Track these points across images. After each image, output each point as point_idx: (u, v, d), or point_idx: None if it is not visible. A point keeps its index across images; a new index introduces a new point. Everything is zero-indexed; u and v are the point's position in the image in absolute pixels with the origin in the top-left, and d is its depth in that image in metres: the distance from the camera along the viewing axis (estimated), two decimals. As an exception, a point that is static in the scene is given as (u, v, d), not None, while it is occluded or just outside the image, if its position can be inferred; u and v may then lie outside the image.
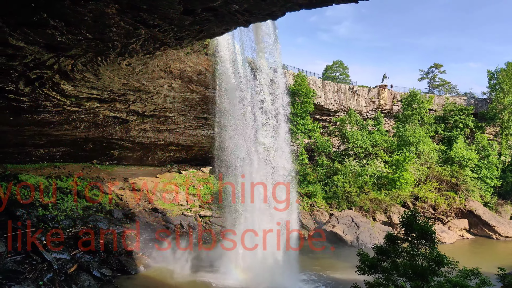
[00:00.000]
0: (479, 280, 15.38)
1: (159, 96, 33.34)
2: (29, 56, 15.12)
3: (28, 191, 31.28)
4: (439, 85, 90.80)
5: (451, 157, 55.96)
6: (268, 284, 26.49)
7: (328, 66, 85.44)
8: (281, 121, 34.45)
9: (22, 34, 12.95)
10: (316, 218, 46.49)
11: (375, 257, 17.41)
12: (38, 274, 22.77)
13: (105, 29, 13.47)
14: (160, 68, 29.72)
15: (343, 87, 59.07)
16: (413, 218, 16.98)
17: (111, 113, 32.35)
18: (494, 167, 56.77)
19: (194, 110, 38.85)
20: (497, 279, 15.50)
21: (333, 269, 31.84)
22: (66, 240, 28.21)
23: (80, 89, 24.80)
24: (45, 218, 29.36)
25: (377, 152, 55.44)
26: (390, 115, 64.09)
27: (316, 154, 54.89)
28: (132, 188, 39.99)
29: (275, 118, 33.90)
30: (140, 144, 40.74)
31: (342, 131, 56.42)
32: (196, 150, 47.52)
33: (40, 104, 24.48)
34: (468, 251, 42.09)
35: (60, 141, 34.04)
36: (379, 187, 50.89)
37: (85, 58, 18.17)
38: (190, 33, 15.65)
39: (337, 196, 49.46)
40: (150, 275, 27.75)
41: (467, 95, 71.04)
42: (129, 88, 29.24)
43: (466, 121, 60.51)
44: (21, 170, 34.00)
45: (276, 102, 34.18)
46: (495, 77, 61.60)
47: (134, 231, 32.79)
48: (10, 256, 23.53)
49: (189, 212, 40.45)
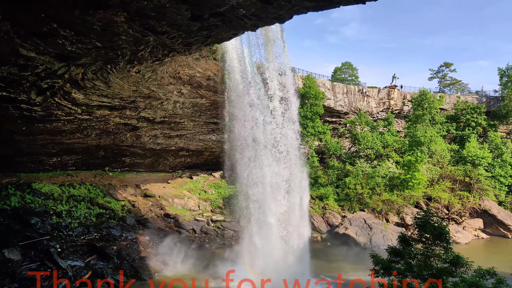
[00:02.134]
0: (495, 280, 15.06)
1: (168, 102, 33.61)
2: (40, 66, 15.39)
3: (42, 199, 31.71)
4: (449, 84, 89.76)
5: (463, 156, 55.15)
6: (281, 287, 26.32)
7: (337, 68, 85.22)
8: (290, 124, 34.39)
9: (33, 44, 13.20)
10: (328, 220, 46.15)
11: (389, 259, 17.18)
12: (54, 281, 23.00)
13: (114, 37, 13.65)
14: (169, 75, 29.99)
15: (352, 89, 58.76)
16: (426, 219, 16.73)
17: (122, 120, 32.70)
18: (508, 166, 55.71)
19: (203, 115, 39.05)
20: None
21: (346, 271, 31.54)
22: (80, 247, 28.50)
23: (91, 97, 25.15)
24: (59, 226, 29.69)
25: (388, 153, 54.93)
26: (401, 116, 63.50)
27: (327, 156, 54.60)
28: (144, 195, 40.28)
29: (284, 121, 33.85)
30: (151, 151, 41.04)
31: (353, 133, 56.03)
32: (207, 155, 47.68)
33: (52, 113, 24.89)
34: (483, 251, 41.34)
35: (72, 149, 34.50)
36: (391, 188, 50.35)
37: (95, 66, 18.44)
38: (198, 38, 15.77)
39: (349, 198, 49.06)
40: (163, 280, 27.82)
41: (478, 93, 70.04)
42: (139, 95, 29.54)
43: (478, 119, 59.60)
44: (35, 178, 34.50)
45: (285, 105, 34.14)
46: (506, 74, 60.72)
47: (147, 237, 32.96)
48: (26, 264, 23.84)
49: (201, 217, 40.53)
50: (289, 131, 34.40)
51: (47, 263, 24.59)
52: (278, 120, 33.45)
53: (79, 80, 20.60)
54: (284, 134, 33.89)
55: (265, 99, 33.04)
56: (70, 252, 27.17)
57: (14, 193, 30.99)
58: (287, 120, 34.16)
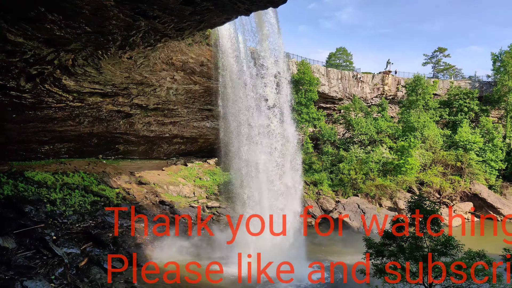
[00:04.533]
0: (484, 261, 15.40)
1: (162, 89, 33.31)
2: (29, 51, 15.11)
3: (35, 187, 31.54)
4: (443, 69, 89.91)
5: (456, 141, 55.70)
6: (275, 270, 26.66)
7: (331, 53, 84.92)
8: (285, 110, 34.30)
9: (20, 29, 12.93)
10: (322, 205, 46.58)
11: (381, 242, 17.46)
12: (50, 268, 23.03)
13: (104, 21, 13.40)
14: (162, 61, 29.64)
15: (347, 74, 58.62)
16: (419, 203, 16.97)
17: (115, 108, 32.40)
18: (499, 150, 56.47)
19: (197, 102, 38.81)
20: (502, 260, 15.53)
21: (340, 254, 32.02)
22: (75, 234, 28.52)
23: (82, 84, 24.82)
24: (53, 213, 29.61)
25: (382, 139, 55.27)
26: (395, 101, 63.65)
27: (321, 143, 54.79)
28: (138, 182, 40.24)
29: (279, 107, 33.73)
30: (145, 138, 40.84)
31: (347, 119, 56.18)
32: (201, 142, 47.60)
33: (42, 100, 24.55)
34: (473, 233, 42.15)
35: (65, 137, 34.19)
36: (385, 173, 50.85)
37: (85, 52, 18.15)
38: (190, 23, 15.54)
39: (343, 184, 49.50)
40: (159, 267, 28.03)
41: (471, 78, 70.30)
42: (131, 81, 29.22)
43: (471, 104, 59.95)
44: (27, 167, 34.25)
45: (279, 91, 33.97)
46: (499, 59, 60.87)
47: (142, 224, 33.06)
48: (21, 252, 23.83)
49: (196, 203, 40.67)
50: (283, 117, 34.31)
51: (42, 251, 24.58)
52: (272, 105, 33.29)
53: (69, 66, 20.27)
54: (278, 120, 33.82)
55: (259, 85, 32.83)
56: (66, 239, 27.17)
57: (7, 181, 30.76)
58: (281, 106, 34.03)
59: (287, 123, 34.68)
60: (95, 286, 22.49)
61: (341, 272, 28.19)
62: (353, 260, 28.14)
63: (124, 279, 24.86)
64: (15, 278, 19.99)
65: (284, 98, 34.34)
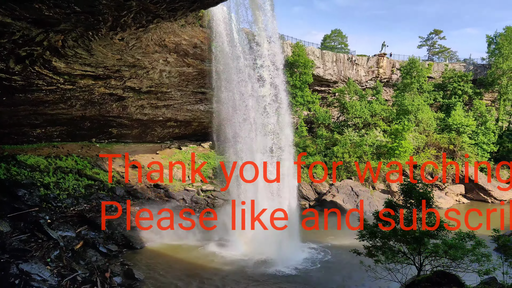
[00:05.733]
0: (474, 242, 15.70)
1: (154, 71, 32.88)
2: (17, 32, 14.77)
3: (28, 171, 31.35)
4: (438, 52, 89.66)
5: (449, 124, 56.03)
6: (271, 253, 27.03)
7: (326, 35, 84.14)
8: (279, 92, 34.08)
9: (8, 9, 12.59)
10: (316, 188, 46.95)
11: (374, 224, 17.69)
12: (45, 251, 23.09)
13: (94, 1, 13.09)
14: (155, 42, 29.15)
15: (342, 57, 58.26)
16: (412, 185, 17.13)
17: (107, 90, 31.99)
18: (491, 133, 56.99)
19: (191, 84, 38.43)
20: (491, 240, 15.84)
21: (333, 236, 32.46)
22: (70, 218, 28.53)
23: (73, 66, 24.38)
24: (47, 197, 29.55)
25: (376, 122, 55.40)
26: (389, 84, 63.55)
27: (315, 126, 54.81)
28: (133, 165, 40.15)
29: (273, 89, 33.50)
30: (138, 121, 40.53)
31: (341, 102, 56.11)
32: (195, 126, 47.38)
33: (32, 83, 24.13)
34: (464, 215, 42.79)
35: (57, 120, 33.82)
36: (378, 156, 51.16)
37: (75, 33, 17.76)
38: (183, 3, 15.25)
39: (336, 167, 49.79)
40: (155, 249, 28.23)
41: (466, 61, 70.21)
42: (123, 63, 28.77)
43: (465, 87, 60.06)
44: (19, 150, 33.97)
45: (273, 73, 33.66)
46: (494, 42, 60.70)
47: (137, 207, 33.13)
48: (16, 235, 23.83)
49: (191, 187, 40.76)
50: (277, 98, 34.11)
51: (37, 234, 24.60)
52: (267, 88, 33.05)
53: (59, 47, 19.84)
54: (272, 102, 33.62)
55: (253, 67, 32.50)
56: (60, 223, 27.18)
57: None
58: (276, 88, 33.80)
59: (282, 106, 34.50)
60: (91, 268, 22.63)
61: (334, 252, 28.63)
62: (346, 241, 28.60)
63: (120, 261, 25.04)
64: (10, 261, 20.03)
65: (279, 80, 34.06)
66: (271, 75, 33.22)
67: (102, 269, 22.84)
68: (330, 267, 25.98)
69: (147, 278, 22.81)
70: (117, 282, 21.80)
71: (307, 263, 26.67)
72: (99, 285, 20.51)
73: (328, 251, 28.98)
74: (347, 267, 25.09)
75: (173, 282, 22.62)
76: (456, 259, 15.16)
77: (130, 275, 22.69)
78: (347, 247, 25.24)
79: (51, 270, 20.97)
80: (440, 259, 15.87)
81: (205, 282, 22.92)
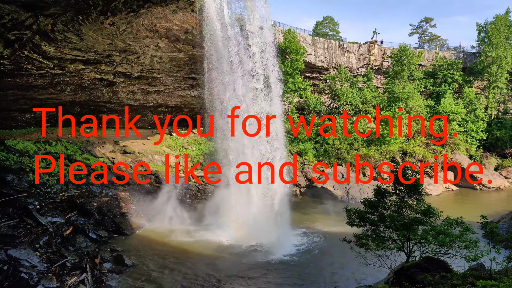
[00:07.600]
0: (462, 228, 16.05)
1: (145, 57, 32.47)
2: (6, 16, 14.43)
3: (16, 156, 30.95)
4: (429, 40, 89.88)
5: (439, 112, 56.55)
6: (261, 238, 27.30)
7: (318, 22, 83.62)
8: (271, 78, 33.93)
9: (-4, -8, 12.26)
10: (307, 175, 47.33)
11: (363, 211, 17.95)
12: (34, 237, 23.00)
13: (84, -15, 12.81)
14: (146, 27, 28.71)
15: (333, 44, 58.07)
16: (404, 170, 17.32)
17: (97, 75, 31.56)
18: (480, 121, 57.83)
19: (182, 70, 38.07)
20: (479, 227, 16.19)
21: (324, 223, 32.85)
22: (59, 204, 28.37)
23: (63, 51, 23.95)
24: (36, 183, 29.28)
25: (367, 109, 55.69)
26: (380, 72, 63.71)
27: (306, 113, 54.90)
28: (123, 151, 39.87)
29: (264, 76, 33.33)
30: (129, 107, 40.14)
31: (332, 89, 56.22)
32: (186, 112, 47.13)
33: (21, 67, 23.70)
34: (452, 202, 43.63)
35: (46, 105, 33.32)
36: (369, 144, 51.63)
37: (65, 17, 17.41)
38: (174, -12, 14.97)
39: (327, 154, 50.20)
40: (146, 235, 28.31)
41: (456, 49, 70.52)
42: (114, 48, 28.33)
43: (455, 75, 60.53)
44: (8, 135, 33.45)
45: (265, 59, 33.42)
46: (484, 30, 60.97)
47: (128, 193, 33.08)
48: (4, 221, 23.63)
49: (181, 173, 40.73)
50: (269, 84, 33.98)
51: (26, 220, 24.43)
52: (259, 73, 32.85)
53: (49, 31, 19.44)
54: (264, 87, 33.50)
55: (245, 53, 32.22)
56: (50, 208, 27.04)
57: (-12, 150, 30.09)
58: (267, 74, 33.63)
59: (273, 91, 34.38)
60: (81, 254, 22.63)
61: (324, 238, 29.03)
62: (336, 227, 29.03)
63: (110, 247, 25.05)
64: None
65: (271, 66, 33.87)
66: (262, 61, 33.01)
67: (92, 255, 22.83)
68: (320, 253, 26.29)
69: (137, 264, 22.91)
70: (107, 268, 21.83)
71: (297, 248, 26.98)
72: (88, 271, 20.54)
73: (319, 237, 29.30)
74: (337, 253, 25.42)
75: (163, 268, 22.73)
76: (445, 245, 15.49)
77: (120, 261, 22.74)
78: (337, 233, 25.67)
79: (40, 256, 20.93)
80: (429, 245, 16.21)
81: (195, 268, 23.10)
